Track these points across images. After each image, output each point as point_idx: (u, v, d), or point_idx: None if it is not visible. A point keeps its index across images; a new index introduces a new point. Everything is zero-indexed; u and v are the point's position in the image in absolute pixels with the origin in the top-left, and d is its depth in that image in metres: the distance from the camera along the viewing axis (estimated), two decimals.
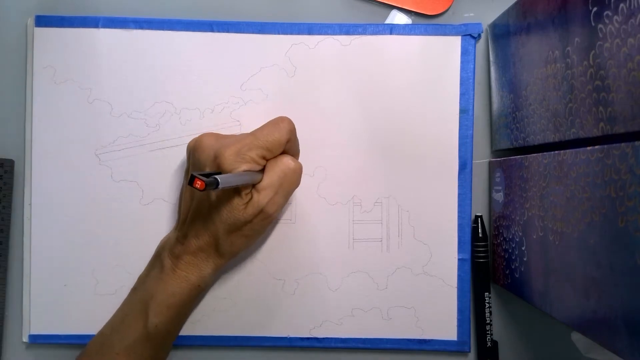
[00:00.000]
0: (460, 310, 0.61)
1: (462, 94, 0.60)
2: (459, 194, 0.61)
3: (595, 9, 0.38)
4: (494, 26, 0.60)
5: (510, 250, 0.55)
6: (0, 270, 0.61)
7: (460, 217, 0.61)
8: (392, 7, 0.62)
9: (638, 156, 0.33)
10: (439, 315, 0.61)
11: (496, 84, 0.59)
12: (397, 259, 0.61)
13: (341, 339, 0.61)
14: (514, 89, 0.54)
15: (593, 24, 0.38)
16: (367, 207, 0.61)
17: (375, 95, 0.61)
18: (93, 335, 0.58)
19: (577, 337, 0.52)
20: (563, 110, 0.43)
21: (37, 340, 0.61)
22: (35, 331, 0.61)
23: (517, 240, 0.53)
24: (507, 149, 0.57)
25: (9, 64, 0.62)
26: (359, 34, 0.61)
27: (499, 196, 0.58)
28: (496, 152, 0.61)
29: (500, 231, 0.58)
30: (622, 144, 0.35)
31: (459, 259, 0.61)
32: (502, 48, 0.57)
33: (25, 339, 0.61)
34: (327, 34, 0.61)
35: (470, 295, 0.61)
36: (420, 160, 0.61)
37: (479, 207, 0.62)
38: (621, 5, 0.35)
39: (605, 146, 0.37)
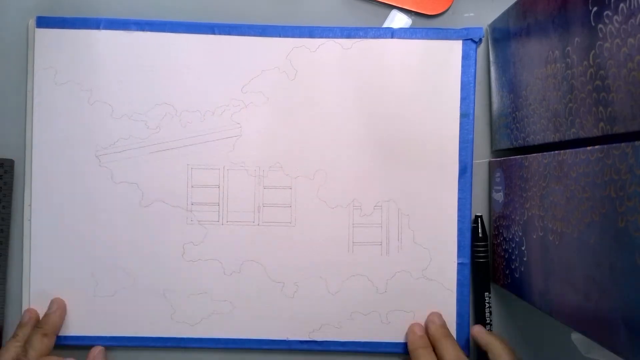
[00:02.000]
0: (459, 314, 0.61)
1: (462, 98, 0.61)
2: (459, 198, 0.61)
3: (595, 9, 0.38)
4: (494, 26, 0.60)
5: (510, 250, 0.55)
6: (0, 270, 0.61)
7: (460, 222, 0.61)
8: (392, 7, 0.62)
9: (638, 156, 0.33)
10: None
11: (496, 84, 0.59)
12: (397, 263, 0.61)
13: (340, 342, 0.61)
14: (514, 89, 0.54)
15: (593, 24, 0.38)
16: (367, 211, 0.61)
17: (375, 98, 0.61)
18: (92, 337, 0.59)
19: (577, 337, 0.51)
20: (563, 110, 0.43)
21: None
22: None
23: (517, 240, 0.53)
24: (507, 149, 0.57)
25: (9, 64, 0.62)
26: (360, 37, 0.61)
27: (499, 196, 0.58)
28: (496, 152, 0.61)
29: (500, 231, 0.58)
30: (622, 144, 0.35)
31: (458, 263, 0.61)
32: (502, 48, 0.58)
33: None
34: (328, 37, 0.61)
35: (470, 295, 0.61)
36: (421, 164, 0.61)
37: (479, 207, 0.62)
38: (621, 5, 0.35)
39: (605, 146, 0.37)
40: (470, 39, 0.61)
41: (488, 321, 0.60)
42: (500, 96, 0.58)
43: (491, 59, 0.61)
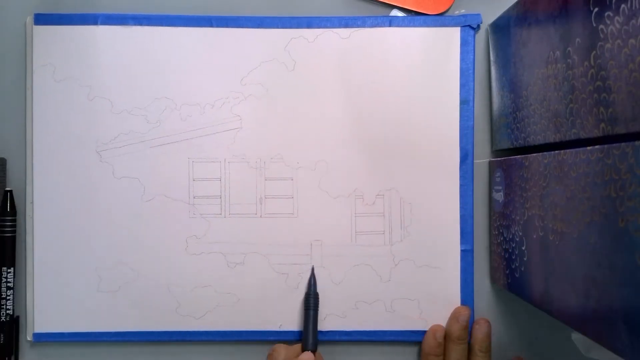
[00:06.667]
0: (463, 302, 0.61)
1: (462, 85, 0.60)
2: (461, 185, 0.61)
3: (596, 9, 0.38)
4: (494, 26, 0.60)
5: (510, 250, 0.55)
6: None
7: (462, 209, 0.61)
8: (393, 6, 0.61)
9: (638, 156, 0.33)
10: (442, 307, 0.61)
11: (497, 84, 0.59)
12: (400, 251, 0.61)
13: (345, 331, 0.62)
14: (515, 89, 0.54)
15: (594, 24, 0.38)
16: (369, 200, 0.61)
17: (375, 87, 0.61)
18: (96, 333, 0.61)
19: (577, 337, 0.52)
20: (564, 110, 0.43)
21: (42, 339, 0.61)
22: (39, 329, 0.61)
23: (517, 240, 0.53)
24: (508, 148, 0.57)
25: (8, 62, 0.62)
26: (358, 26, 0.61)
27: (499, 196, 0.58)
28: (496, 152, 0.61)
29: (500, 231, 0.58)
30: (622, 144, 0.35)
31: (461, 250, 0.61)
32: (502, 48, 0.57)
33: (29, 337, 0.62)
34: (326, 27, 0.61)
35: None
36: (422, 152, 0.61)
37: (479, 207, 0.62)
38: (622, 6, 0.35)
39: (606, 146, 0.37)
40: (468, 26, 0.60)
41: None
42: (500, 96, 0.58)
43: (492, 58, 0.60)
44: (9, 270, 0.60)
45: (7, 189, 0.61)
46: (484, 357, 0.59)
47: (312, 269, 0.61)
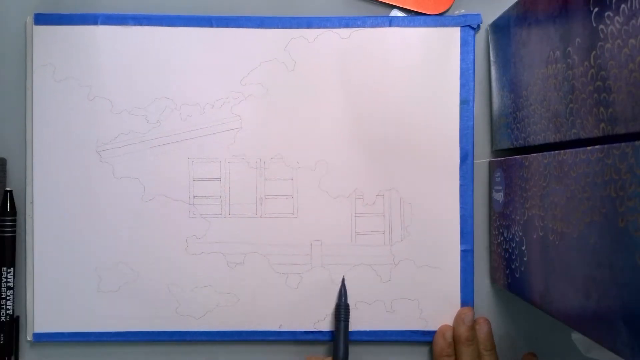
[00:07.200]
0: (463, 302, 0.61)
1: (462, 85, 0.60)
2: (461, 185, 0.61)
3: (596, 9, 0.38)
4: (494, 26, 0.60)
5: (510, 250, 0.55)
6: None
7: (462, 209, 0.61)
8: (393, 6, 0.61)
9: (638, 156, 0.33)
10: (442, 307, 0.61)
11: (497, 84, 0.59)
12: (400, 251, 0.61)
13: None
14: (515, 89, 0.54)
15: (594, 24, 0.38)
16: (369, 200, 0.61)
17: (375, 87, 0.61)
18: (96, 333, 0.61)
19: (577, 337, 0.52)
20: (564, 110, 0.43)
21: (42, 339, 0.61)
22: (39, 329, 0.61)
23: (517, 240, 0.53)
24: (508, 148, 0.57)
25: (8, 62, 0.62)
26: (358, 26, 0.61)
27: (499, 196, 0.58)
28: (496, 152, 0.61)
29: (500, 231, 0.58)
30: (622, 144, 0.35)
31: (461, 250, 0.61)
32: (502, 48, 0.57)
33: (29, 337, 0.61)
34: (326, 27, 0.61)
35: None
36: (422, 152, 0.61)
37: (479, 207, 0.62)
38: (622, 6, 0.35)
39: (606, 146, 0.37)
40: (468, 26, 0.60)
41: None
42: (500, 96, 0.58)
43: (492, 58, 0.61)
44: (9, 270, 0.61)
45: (7, 189, 0.61)
46: (490, 355, 0.59)
47: (343, 280, 0.61)
